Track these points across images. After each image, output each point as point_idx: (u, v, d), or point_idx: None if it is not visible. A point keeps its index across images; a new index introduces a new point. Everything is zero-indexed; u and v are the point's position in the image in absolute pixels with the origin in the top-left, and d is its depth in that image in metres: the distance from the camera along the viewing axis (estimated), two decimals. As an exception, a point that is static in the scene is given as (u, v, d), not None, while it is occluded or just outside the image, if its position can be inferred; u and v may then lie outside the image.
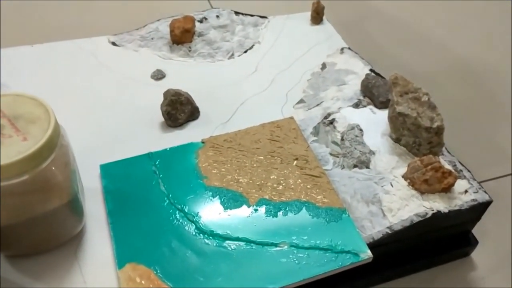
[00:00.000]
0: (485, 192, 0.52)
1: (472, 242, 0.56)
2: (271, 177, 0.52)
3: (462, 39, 0.90)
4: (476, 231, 0.56)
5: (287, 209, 0.49)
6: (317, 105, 0.61)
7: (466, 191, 0.51)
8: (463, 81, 0.82)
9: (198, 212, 0.49)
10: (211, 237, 0.47)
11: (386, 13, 0.95)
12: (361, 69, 0.67)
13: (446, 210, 0.49)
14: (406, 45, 0.88)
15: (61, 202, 0.43)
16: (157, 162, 0.53)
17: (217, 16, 0.73)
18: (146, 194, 0.50)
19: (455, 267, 0.56)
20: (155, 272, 0.44)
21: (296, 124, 0.58)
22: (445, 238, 0.54)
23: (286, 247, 0.46)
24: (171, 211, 0.49)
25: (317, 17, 0.76)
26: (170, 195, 0.50)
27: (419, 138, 0.53)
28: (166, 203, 0.49)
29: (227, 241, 0.47)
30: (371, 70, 0.66)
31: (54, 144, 0.41)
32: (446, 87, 0.81)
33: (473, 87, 0.81)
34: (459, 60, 0.86)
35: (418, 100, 0.54)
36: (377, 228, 0.49)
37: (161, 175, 0.52)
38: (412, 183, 0.51)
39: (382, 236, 0.48)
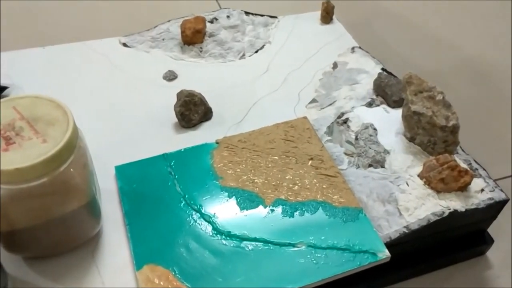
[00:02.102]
0: (502, 190, 0.51)
1: (487, 241, 0.56)
2: (287, 177, 0.52)
3: (472, 38, 0.90)
4: (491, 229, 0.56)
5: (304, 209, 0.49)
6: (330, 104, 0.61)
7: (482, 190, 0.51)
8: (473, 80, 0.82)
9: (214, 213, 0.49)
10: (228, 238, 0.47)
11: (395, 12, 0.95)
12: (373, 68, 0.67)
13: (463, 209, 0.49)
14: (416, 44, 0.88)
15: (79, 203, 0.43)
16: (172, 163, 0.53)
17: (228, 17, 0.73)
18: (162, 195, 0.50)
19: (471, 266, 0.56)
20: (173, 273, 0.44)
21: (310, 124, 0.58)
22: (461, 237, 0.54)
23: (303, 247, 0.46)
24: (187, 211, 0.49)
25: (327, 16, 0.75)
26: (186, 196, 0.50)
27: (434, 137, 0.53)
28: (182, 204, 0.49)
29: (245, 242, 0.47)
30: (383, 69, 0.66)
31: (73, 146, 0.41)
32: (457, 85, 0.80)
33: (483, 85, 0.81)
34: (469, 59, 0.86)
35: (433, 99, 0.54)
36: (394, 228, 0.48)
37: (176, 176, 0.52)
38: (428, 182, 0.51)
39: (399, 235, 0.48)
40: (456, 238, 0.54)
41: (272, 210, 0.49)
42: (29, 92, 0.60)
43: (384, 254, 0.46)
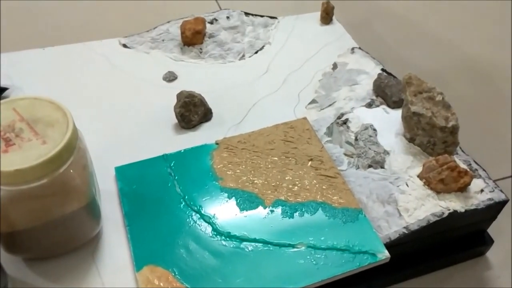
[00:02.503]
0: (501, 191, 0.51)
1: (487, 242, 0.56)
2: (286, 178, 0.52)
3: (472, 38, 0.90)
4: (491, 230, 0.56)
5: (303, 210, 0.49)
6: (330, 105, 0.61)
7: (482, 190, 0.51)
8: (473, 80, 0.82)
9: (214, 214, 0.49)
10: (228, 239, 0.47)
11: (395, 12, 0.95)
12: (373, 69, 0.67)
13: (463, 210, 0.49)
14: (416, 44, 0.88)
15: (79, 205, 0.43)
16: (172, 164, 0.53)
17: (228, 17, 0.73)
18: (162, 196, 0.50)
19: (471, 266, 0.56)
20: (173, 274, 0.44)
21: (310, 125, 0.58)
22: (461, 237, 0.54)
23: (303, 248, 0.46)
24: (187, 212, 0.49)
25: (326, 17, 0.75)
26: (186, 197, 0.50)
27: (433, 137, 0.53)
28: (182, 205, 0.49)
29: (244, 242, 0.47)
30: (382, 69, 0.66)
31: (73, 147, 0.41)
32: (457, 85, 0.80)
33: (483, 85, 0.81)
34: (469, 59, 0.86)
35: (432, 100, 0.54)
36: (393, 228, 0.48)
37: (176, 177, 0.52)
38: (428, 183, 0.51)
39: (398, 236, 0.48)
40: (456, 239, 0.54)
41: (272, 211, 0.49)
42: (29, 93, 0.60)
43: (384, 254, 0.46)
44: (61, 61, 0.67)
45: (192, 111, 0.58)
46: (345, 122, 0.59)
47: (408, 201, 0.50)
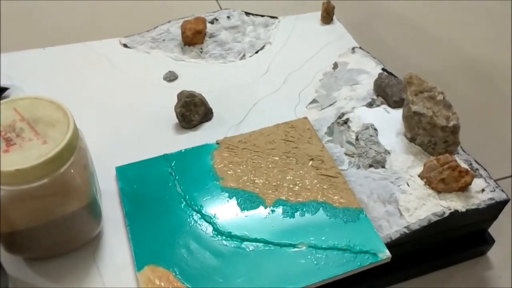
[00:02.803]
0: (502, 190, 0.51)
1: (488, 241, 0.56)
2: (287, 177, 0.52)
3: (472, 38, 0.90)
4: (492, 230, 0.56)
5: (304, 209, 0.49)
6: (330, 105, 0.61)
7: (483, 190, 0.51)
8: (474, 80, 0.82)
9: (215, 214, 0.49)
10: (229, 238, 0.47)
11: (395, 12, 0.95)
12: (373, 69, 0.67)
13: (464, 209, 0.49)
14: (416, 44, 0.88)
15: (80, 204, 0.43)
16: (172, 164, 0.53)
17: (228, 17, 0.73)
18: (163, 196, 0.50)
19: (472, 266, 0.56)
20: (174, 274, 0.44)
21: (310, 124, 0.58)
22: (462, 237, 0.54)
23: (304, 247, 0.46)
24: (188, 212, 0.49)
25: (327, 16, 0.75)
26: (187, 197, 0.50)
27: (434, 137, 0.53)
28: (183, 205, 0.49)
29: (245, 242, 0.46)
30: (383, 69, 0.66)
31: (74, 147, 0.41)
32: (457, 85, 0.80)
33: (483, 85, 0.81)
34: (469, 59, 0.86)
35: (433, 99, 0.54)
36: (394, 228, 0.48)
37: (177, 177, 0.52)
38: (429, 183, 0.51)
39: (399, 236, 0.48)
40: (457, 239, 0.54)
41: (273, 211, 0.49)
42: (29, 93, 0.60)
43: (385, 254, 0.46)
44: (62, 61, 0.67)
45: (192, 111, 0.58)
46: (345, 121, 0.59)
47: (409, 200, 0.50)
